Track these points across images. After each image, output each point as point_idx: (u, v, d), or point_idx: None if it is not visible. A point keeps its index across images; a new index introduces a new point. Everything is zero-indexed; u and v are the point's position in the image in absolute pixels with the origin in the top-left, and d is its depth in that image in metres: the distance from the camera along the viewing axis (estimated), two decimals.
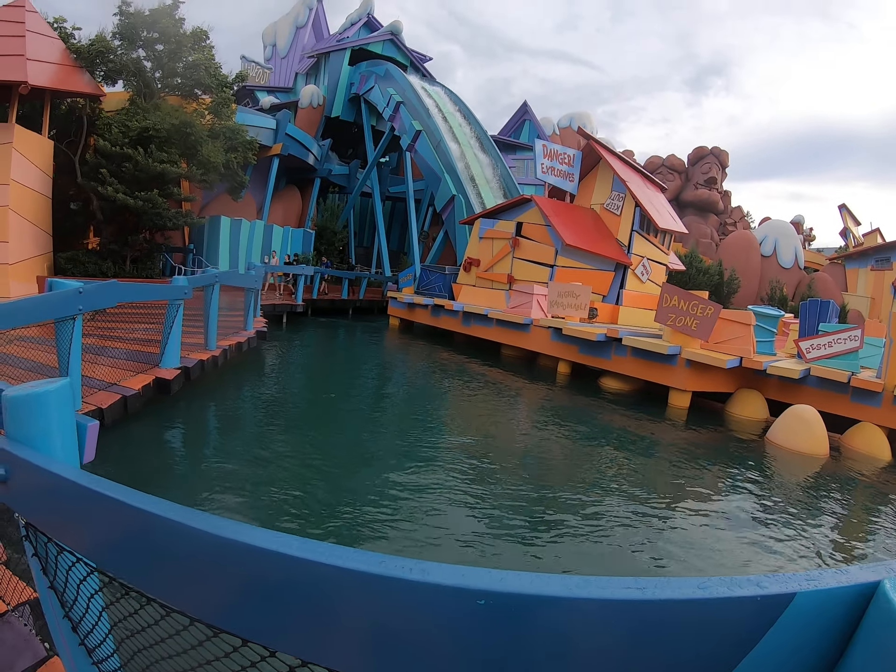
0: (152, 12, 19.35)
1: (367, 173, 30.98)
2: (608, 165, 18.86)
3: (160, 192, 18.35)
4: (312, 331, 18.88)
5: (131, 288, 7.77)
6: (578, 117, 40.80)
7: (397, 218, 37.81)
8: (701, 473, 7.67)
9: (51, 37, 18.07)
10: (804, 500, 7.19)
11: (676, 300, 11.86)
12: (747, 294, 33.73)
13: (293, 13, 38.14)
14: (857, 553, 5.44)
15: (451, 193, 24.94)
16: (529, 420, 9.81)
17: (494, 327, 16.58)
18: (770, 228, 37.16)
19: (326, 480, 5.69)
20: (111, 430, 6.23)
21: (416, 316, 21.07)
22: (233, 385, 9.91)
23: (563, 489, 6.25)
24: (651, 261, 18.99)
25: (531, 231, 18.61)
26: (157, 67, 20.25)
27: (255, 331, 12.27)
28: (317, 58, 34.01)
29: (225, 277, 10.74)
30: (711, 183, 41.74)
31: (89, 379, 6.69)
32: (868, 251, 34.30)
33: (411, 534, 4.72)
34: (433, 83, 32.77)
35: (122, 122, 18.52)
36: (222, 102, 21.32)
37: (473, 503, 5.49)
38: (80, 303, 5.68)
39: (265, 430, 7.34)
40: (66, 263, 17.80)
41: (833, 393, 11.30)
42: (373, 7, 36.07)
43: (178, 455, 6.35)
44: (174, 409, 7.80)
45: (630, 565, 4.60)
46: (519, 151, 36.19)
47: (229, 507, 4.85)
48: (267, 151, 26.62)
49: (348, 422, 8.29)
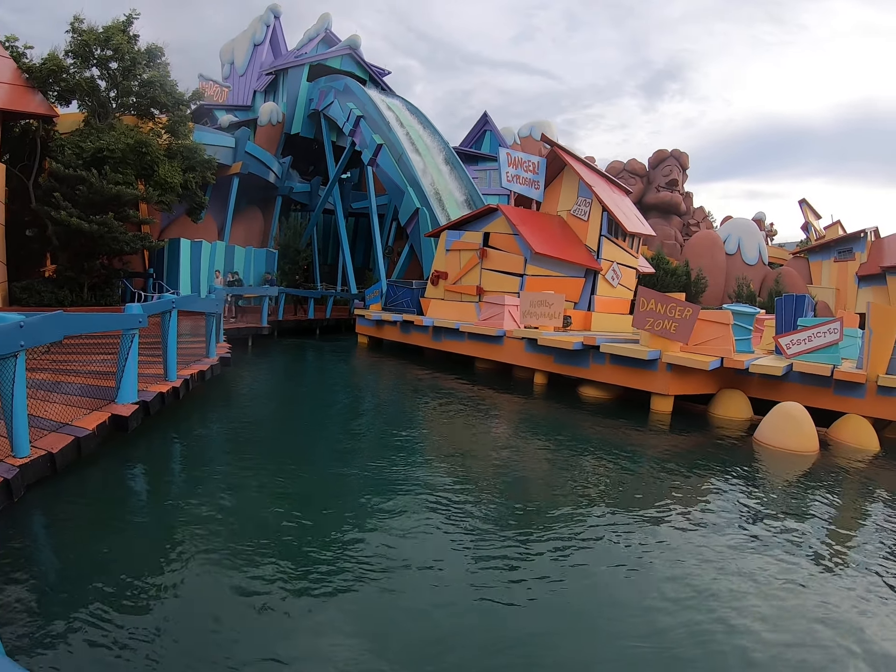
0: (106, 29, 18.83)
1: (329, 190, 30.56)
2: (573, 171, 18.77)
3: (116, 215, 17.73)
4: (280, 353, 18.30)
5: (79, 319, 7.22)
6: (539, 126, 41.05)
7: (361, 234, 37.45)
8: (691, 481, 7.39)
9: (1, 56, 17.39)
10: (802, 500, 6.98)
11: (654, 304, 11.67)
12: (714, 293, 34.17)
13: (250, 30, 37.69)
14: (867, 549, 5.19)
15: (415, 206, 24.65)
16: (508, 435, 9.45)
17: (466, 341, 16.25)
18: (733, 227, 37.83)
19: (299, 522, 5.23)
20: (63, 477, 5.71)
21: (384, 333, 20.64)
22: (197, 418, 9.34)
23: (548, 507, 5.88)
24: (621, 265, 18.90)
25: (499, 241, 18.37)
26: (111, 86, 19.70)
27: (218, 357, 11.70)
28: (275, 74, 33.59)
29: (183, 303, 10.19)
30: (673, 185, 42.33)
31: (39, 419, 6.16)
32: (830, 243, 35.19)
33: (388, 573, 4.30)
34: (393, 96, 32.60)
35: (75, 144, 17.92)
36: (179, 121, 20.77)
37: (453, 527, 5.10)
38: (21, 338, 5.13)
39: (233, 467, 6.82)
40: (21, 293, 17.07)
41: (816, 387, 11.25)
42: (330, 22, 35.86)
43: (137, 502, 5.80)
44: (133, 449, 7.23)
45: (626, 594, 4.25)
46: (481, 162, 36.20)
47: (197, 558, 4.37)
48: (226, 170, 26.04)
49: (320, 452, 7.81)
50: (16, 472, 4.98)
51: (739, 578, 4.61)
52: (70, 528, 4.92)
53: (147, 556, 4.41)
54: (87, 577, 4.01)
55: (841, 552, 5.39)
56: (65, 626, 3.46)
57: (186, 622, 3.62)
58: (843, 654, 3.65)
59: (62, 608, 3.63)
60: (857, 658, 3.62)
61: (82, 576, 4.05)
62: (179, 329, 9.75)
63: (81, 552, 4.47)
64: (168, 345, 9.07)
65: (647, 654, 3.55)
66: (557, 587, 4.35)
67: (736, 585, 4.48)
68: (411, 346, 19.22)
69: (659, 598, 4.21)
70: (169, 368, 9.10)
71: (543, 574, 4.50)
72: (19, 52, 18.44)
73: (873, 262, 31.79)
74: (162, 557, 4.38)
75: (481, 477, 6.91)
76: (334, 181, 30.12)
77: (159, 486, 6.29)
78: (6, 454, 5.27)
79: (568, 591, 4.29)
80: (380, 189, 29.53)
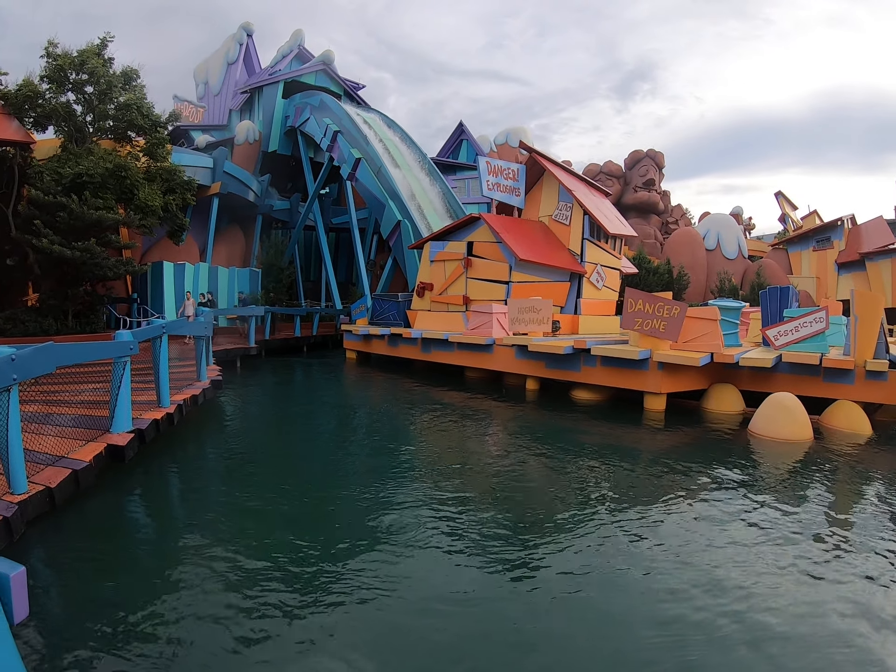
0: (80, 53, 18.65)
1: (309, 206, 30.52)
2: (553, 176, 18.93)
3: (98, 240, 17.55)
4: (269, 373, 18.18)
5: (71, 349, 7.13)
6: (515, 133, 41.34)
7: (343, 249, 37.38)
8: (691, 476, 7.46)
9: None
10: (802, 488, 7.09)
11: (641, 304, 11.78)
12: (697, 289, 34.51)
13: (223, 49, 37.65)
14: (872, 531, 5.26)
15: (396, 219, 24.68)
16: (505, 443, 9.45)
17: (456, 351, 16.27)
18: (711, 222, 38.29)
19: (299, 545, 5.20)
20: (63, 511, 5.65)
21: (372, 347, 20.60)
22: (192, 444, 9.26)
23: (551, 513, 5.90)
24: (604, 267, 19.05)
25: (483, 249, 18.45)
26: (88, 110, 19.53)
27: (209, 380, 11.61)
28: (250, 93, 33.55)
29: (173, 327, 10.10)
30: (650, 185, 42.78)
31: (34, 453, 6.05)
32: (808, 233, 35.75)
33: (392, 591, 4.29)
34: (368, 110, 32.68)
35: (53, 170, 17.74)
36: (157, 143, 20.64)
37: (457, 540, 5.09)
38: (13, 371, 5.06)
39: (232, 493, 6.76)
40: (4, 323, 16.89)
41: (805, 376, 11.46)
42: (303, 39, 35.88)
43: (138, 534, 5.73)
44: (130, 478, 7.16)
45: (633, 600, 4.27)
46: (459, 172, 36.31)
47: (199, 588, 4.33)
48: (206, 191, 25.93)
49: (317, 472, 7.76)
50: (15, 509, 4.88)
51: (754, 570, 4.66)
52: (72, 565, 4.85)
53: (149, 589, 4.36)
54: (91, 616, 3.97)
55: (847, 536, 5.48)
56: (72, 658, 3.44)
57: (191, 651, 3.60)
58: (877, 646, 3.71)
59: (72, 642, 3.60)
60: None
61: (85, 613, 4.01)
62: (170, 353, 9.67)
63: (84, 590, 4.42)
64: (160, 370, 8.98)
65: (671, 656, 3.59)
66: (571, 589, 4.37)
67: (753, 578, 4.52)
68: (400, 359, 19.19)
69: (675, 597, 4.24)
70: (162, 394, 9.00)
71: (555, 578, 4.51)
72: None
73: (851, 249, 32.35)
74: (164, 589, 4.35)
75: (481, 487, 6.91)
76: (314, 197, 30.08)
77: (158, 516, 6.23)
78: (4, 491, 5.18)
79: (582, 594, 4.30)
80: (359, 203, 29.52)
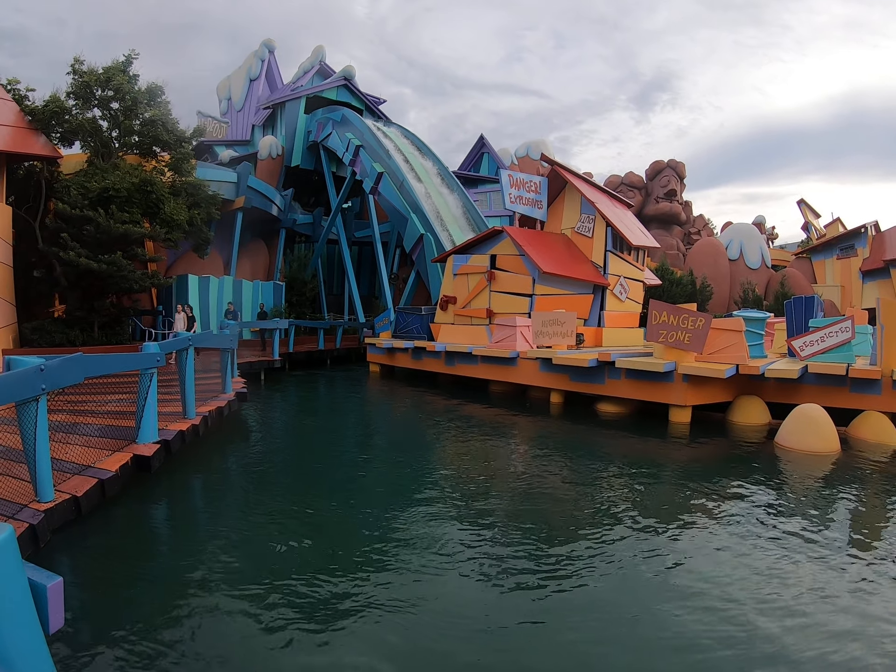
0: (106, 70, 19.06)
1: (332, 220, 30.77)
2: (575, 189, 18.87)
3: (124, 253, 17.85)
4: (292, 386, 18.27)
5: (99, 360, 7.21)
6: (535, 145, 41.39)
7: (365, 262, 37.58)
8: (718, 490, 7.32)
9: (4, 99, 17.67)
10: (831, 501, 6.93)
11: (666, 316, 11.66)
12: (720, 299, 34.12)
13: (246, 66, 38.29)
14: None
15: (419, 232, 24.76)
16: (530, 457, 9.36)
17: (480, 364, 16.20)
18: (734, 232, 37.92)
19: (323, 558, 5.15)
20: (89, 519, 5.68)
21: (396, 360, 20.58)
22: (216, 456, 9.30)
23: (578, 525, 5.79)
24: (628, 279, 18.90)
25: (506, 262, 18.42)
26: (113, 126, 19.93)
27: (234, 392, 11.68)
28: (272, 108, 34.01)
29: (199, 340, 10.21)
30: (672, 195, 42.52)
31: (61, 462, 6.12)
32: (832, 241, 35.20)
33: (415, 606, 4.23)
34: (389, 124, 32.98)
35: (80, 184, 18.10)
36: (182, 158, 20.98)
37: (475, 562, 5.01)
38: (42, 382, 5.11)
39: (256, 505, 6.75)
40: (31, 334, 17.18)
41: (832, 387, 11.27)
42: (324, 55, 36.35)
43: (162, 544, 5.75)
44: (156, 489, 7.20)
45: (669, 607, 4.15)
46: (480, 185, 36.40)
47: (221, 599, 4.32)
48: (230, 205, 26.29)
49: (342, 485, 7.69)
50: (41, 517, 4.92)
51: (786, 588, 4.52)
52: (97, 574, 4.88)
53: (173, 598, 4.37)
54: (115, 623, 4.00)
55: (881, 553, 5.31)
56: (98, 666, 3.45)
57: (212, 661, 3.60)
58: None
59: (98, 650, 3.61)
60: None
61: (111, 621, 4.03)
62: (195, 365, 9.74)
63: (109, 598, 4.44)
64: (186, 382, 9.04)
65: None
66: (599, 600, 4.28)
67: (785, 596, 4.37)
68: (424, 373, 19.14)
69: (704, 611, 4.11)
70: (188, 406, 9.07)
71: (577, 608, 4.39)
72: (21, 95, 18.75)
73: (876, 256, 31.72)
74: (187, 599, 4.36)
75: (505, 504, 6.82)
76: (336, 211, 30.33)
77: (182, 525, 6.26)
78: (30, 499, 5.23)
79: (610, 606, 4.21)
80: (381, 216, 29.69)
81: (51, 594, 1.45)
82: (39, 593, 1.41)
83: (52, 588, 1.46)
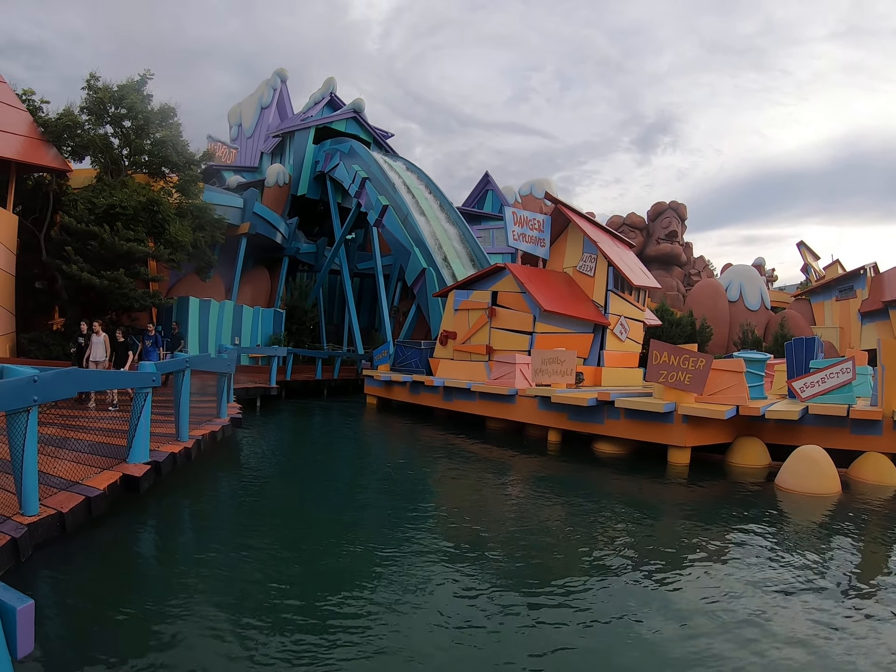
0: (120, 88, 19.33)
1: (335, 250, 30.92)
2: (577, 228, 19.02)
3: (126, 271, 17.89)
4: (288, 414, 18.12)
5: (93, 375, 7.16)
6: (539, 184, 41.99)
7: (366, 294, 37.71)
8: (718, 532, 7.23)
9: (19, 108, 17.87)
10: (832, 544, 6.85)
11: (667, 356, 11.65)
12: (719, 340, 34.16)
13: (257, 93, 39.00)
14: None
15: (421, 267, 24.87)
16: (527, 496, 9.21)
17: (478, 401, 16.10)
18: (734, 274, 38.20)
19: (307, 592, 5.02)
20: (73, 539, 5.57)
21: (394, 394, 20.46)
22: (208, 481, 9.16)
23: (566, 573, 5.65)
24: (628, 318, 18.92)
25: (507, 299, 18.45)
26: (124, 144, 20.12)
27: (229, 418, 11.58)
28: (282, 137, 34.53)
29: (196, 362, 10.15)
30: (672, 237, 42.94)
31: (49, 476, 6.04)
32: (831, 283, 35.41)
33: (404, 648, 4.11)
34: (396, 158, 33.42)
35: (88, 199, 18.21)
36: (190, 180, 21.17)
37: (465, 599, 4.87)
38: (34, 393, 5.07)
39: (244, 535, 6.60)
40: (28, 344, 17.12)
41: (833, 428, 11.26)
42: (335, 87, 37.04)
43: (146, 568, 5.59)
44: (143, 510, 7.08)
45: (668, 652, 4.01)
46: (484, 221, 36.71)
47: (201, 628, 4.19)
48: (235, 230, 26.46)
49: (332, 517, 7.53)
50: (24, 530, 4.83)
51: (788, 634, 4.37)
52: (76, 594, 4.76)
53: (153, 623, 4.26)
54: (90, 647, 3.89)
55: (882, 597, 5.22)
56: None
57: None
58: None
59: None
60: None
61: (85, 645, 3.93)
62: (191, 388, 9.66)
63: (86, 620, 4.33)
64: (181, 405, 8.97)
65: None
66: (596, 642, 4.16)
67: (786, 645, 4.24)
68: (421, 407, 19.00)
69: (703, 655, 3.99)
70: (181, 428, 8.98)
71: (581, 633, 4.28)
72: (35, 106, 19.04)
73: (875, 297, 31.71)
74: (168, 624, 4.25)
75: (498, 541, 6.69)
76: (340, 242, 30.49)
77: (168, 549, 6.14)
78: (14, 511, 5.13)
79: (607, 648, 4.09)
80: (384, 249, 29.86)
81: (20, 617, 1.39)
82: (8, 616, 1.35)
83: (23, 611, 1.40)
